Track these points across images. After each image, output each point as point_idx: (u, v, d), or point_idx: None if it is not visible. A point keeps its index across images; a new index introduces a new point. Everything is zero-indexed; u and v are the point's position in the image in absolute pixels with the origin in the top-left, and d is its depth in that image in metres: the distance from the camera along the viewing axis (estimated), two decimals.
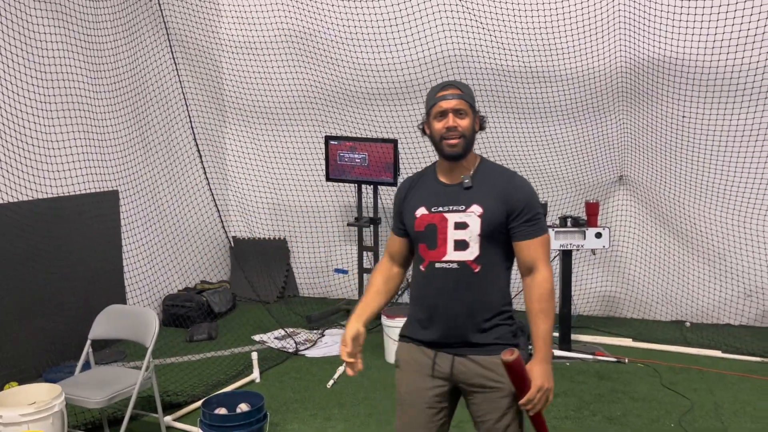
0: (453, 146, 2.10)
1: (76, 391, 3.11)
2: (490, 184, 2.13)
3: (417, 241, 2.16)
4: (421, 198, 2.17)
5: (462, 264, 2.08)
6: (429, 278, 2.12)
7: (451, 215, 2.10)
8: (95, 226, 4.85)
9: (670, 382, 4.20)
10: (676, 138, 5.35)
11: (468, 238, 2.08)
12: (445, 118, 2.10)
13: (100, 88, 4.94)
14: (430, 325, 2.12)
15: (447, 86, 2.16)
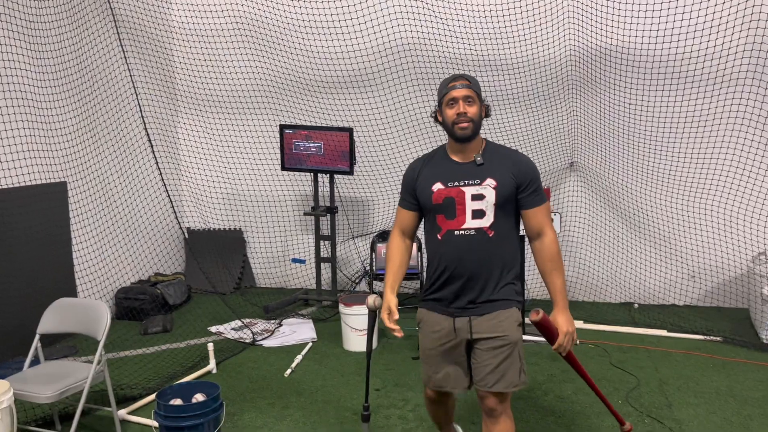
0: (464, 129, 2.42)
1: (25, 387, 3.04)
2: (500, 161, 2.47)
3: (434, 213, 2.47)
4: (436, 175, 2.48)
5: (479, 230, 2.42)
6: (447, 245, 2.45)
7: (468, 188, 2.43)
8: (42, 218, 4.72)
9: (618, 361, 4.34)
10: (623, 125, 5.50)
11: (485, 207, 2.42)
12: (456, 105, 2.42)
13: (45, 76, 4.80)
14: (451, 284, 2.46)
15: (457, 77, 2.48)
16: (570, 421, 3.48)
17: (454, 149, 2.51)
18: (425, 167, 2.55)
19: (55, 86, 4.90)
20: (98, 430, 3.43)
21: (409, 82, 5.79)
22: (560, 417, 3.52)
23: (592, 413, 3.56)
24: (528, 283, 5.56)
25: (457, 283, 2.45)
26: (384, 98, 5.87)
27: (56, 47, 4.89)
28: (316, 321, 5.35)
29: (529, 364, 4.32)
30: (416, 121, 5.87)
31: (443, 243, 2.45)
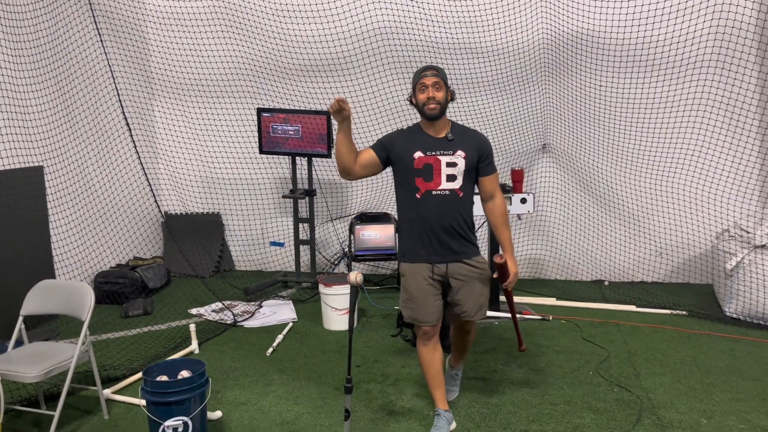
0: (432, 110, 3.02)
1: (10, 367, 3.07)
2: (465, 138, 3.10)
3: (414, 176, 3.04)
4: (416, 144, 3.06)
5: (452, 191, 3.04)
6: (426, 202, 3.03)
7: (443, 157, 3.03)
8: (19, 202, 4.71)
9: (589, 336, 4.51)
10: (594, 108, 5.64)
11: (456, 173, 3.03)
12: (426, 90, 3.02)
13: (21, 60, 4.76)
14: (428, 235, 3.04)
15: (428, 68, 3.08)
16: (543, 391, 3.63)
17: (428, 126, 3.10)
18: (404, 138, 3.11)
19: (31, 70, 4.86)
20: (84, 410, 3.48)
21: (385, 67, 5.85)
22: (534, 388, 3.67)
23: (564, 384, 3.71)
24: None
25: (433, 234, 3.03)
26: (361, 82, 5.92)
27: (32, 31, 4.85)
28: (296, 302, 5.43)
29: (504, 339, 4.47)
30: (392, 104, 5.94)
31: (422, 200, 3.03)
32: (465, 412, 3.38)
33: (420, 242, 3.06)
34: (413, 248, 3.09)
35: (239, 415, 3.41)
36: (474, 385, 3.73)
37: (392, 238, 5.64)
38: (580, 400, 3.50)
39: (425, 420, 3.31)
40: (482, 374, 3.88)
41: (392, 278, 6.09)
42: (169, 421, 2.87)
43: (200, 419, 2.97)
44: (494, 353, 4.21)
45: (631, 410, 3.38)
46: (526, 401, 3.51)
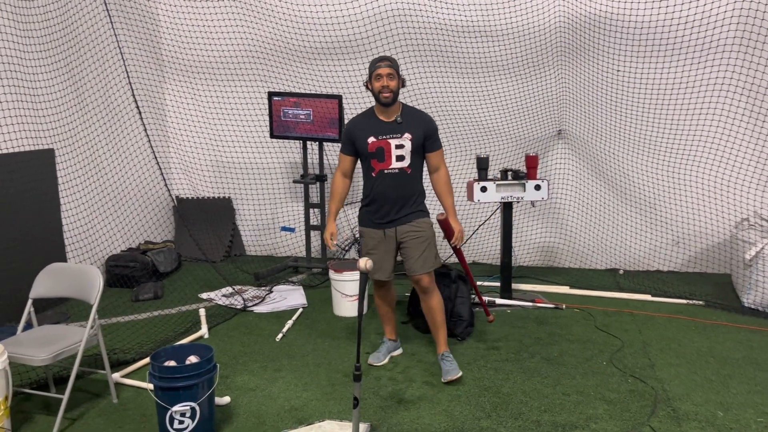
0: (386, 98, 3.46)
1: (20, 350, 3.06)
2: (413, 120, 3.55)
3: (370, 158, 3.53)
4: (370, 130, 3.53)
5: (401, 169, 3.54)
6: (380, 180, 3.54)
7: (392, 140, 3.51)
8: (30, 185, 4.70)
9: (603, 325, 4.44)
10: (611, 93, 5.53)
11: (405, 153, 3.52)
12: (381, 79, 3.43)
13: (31, 41, 4.73)
14: (383, 207, 3.56)
15: (383, 59, 3.47)
16: (556, 381, 3.57)
17: (381, 111, 3.55)
18: (360, 124, 3.57)
19: (41, 53, 4.83)
20: (93, 393, 3.48)
21: (398, 50, 5.77)
22: (546, 377, 3.62)
23: (577, 373, 3.66)
24: (515, 250, 5.64)
25: (387, 206, 3.55)
26: None
27: (42, 12, 4.81)
28: (306, 288, 5.40)
29: (516, 327, 4.41)
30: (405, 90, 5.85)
31: (377, 178, 3.54)
32: (475, 401, 3.34)
33: (375, 211, 3.58)
34: (369, 216, 3.62)
35: (248, 400, 3.39)
36: (485, 374, 3.68)
37: None
38: (593, 391, 3.45)
39: (435, 408, 3.27)
40: (493, 363, 3.83)
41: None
42: (176, 406, 2.85)
43: (208, 405, 2.95)
44: (505, 341, 4.16)
45: (645, 401, 3.32)
46: (538, 391, 3.45)
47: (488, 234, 6.03)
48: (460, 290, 4.39)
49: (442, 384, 3.55)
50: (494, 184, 4.81)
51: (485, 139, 5.90)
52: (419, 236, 3.57)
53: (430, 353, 3.98)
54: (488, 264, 6.09)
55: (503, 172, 4.89)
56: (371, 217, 3.62)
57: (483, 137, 5.90)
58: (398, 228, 3.58)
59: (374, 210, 3.60)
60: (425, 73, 5.84)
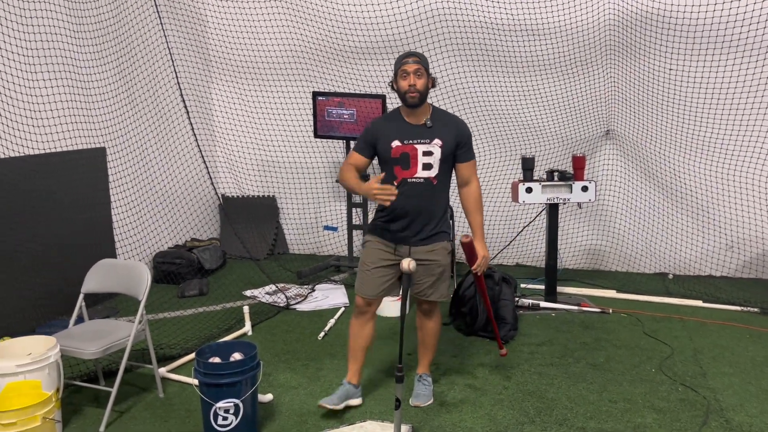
0: (413, 98, 3.02)
1: (71, 343, 3.15)
2: (445, 125, 3.11)
3: (392, 164, 3.08)
4: (395, 133, 3.09)
5: (426, 179, 3.09)
6: (401, 189, 3.03)
7: (420, 146, 3.07)
8: (84, 182, 4.84)
9: (651, 331, 4.32)
10: (662, 92, 5.37)
11: (433, 161, 3.07)
12: (408, 77, 3.00)
13: (85, 42, 4.87)
14: (401, 220, 3.09)
15: (410, 55, 3.06)
16: (602, 387, 3.48)
17: (408, 113, 3.11)
18: (385, 127, 3.14)
19: (94, 54, 4.97)
20: (140, 387, 3.55)
21: (442, 48, 5.73)
22: (592, 383, 3.53)
23: (624, 380, 3.56)
24: (561, 252, 5.53)
25: (406, 218, 3.08)
26: None
27: (95, 14, 4.94)
28: (348, 287, 5.41)
29: (561, 331, 4.33)
30: (451, 87, 5.82)
31: (399, 187, 3.02)
32: (519, 406, 3.28)
33: (391, 221, 3.12)
34: (383, 226, 3.15)
35: (290, 398, 3.41)
36: (528, 378, 3.62)
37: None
38: (642, 399, 3.35)
39: (478, 411, 3.23)
40: (537, 367, 3.76)
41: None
42: (220, 402, 2.88)
43: (251, 402, 2.97)
44: (549, 345, 4.08)
45: (696, 411, 3.20)
46: (584, 397, 3.37)
47: (533, 236, 5.94)
48: (504, 293, 4.33)
49: (486, 387, 3.50)
50: (540, 185, 4.72)
51: (531, 139, 5.81)
52: (432, 264, 3.14)
53: (473, 356, 3.94)
54: (533, 266, 6.00)
55: (549, 173, 4.81)
56: (385, 228, 3.14)
57: (529, 137, 5.81)
58: (413, 249, 3.11)
59: (391, 221, 3.12)
60: (469, 72, 5.78)
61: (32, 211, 4.37)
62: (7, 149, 4.17)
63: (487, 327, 4.23)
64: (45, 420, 2.81)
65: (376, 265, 3.14)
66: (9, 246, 4.20)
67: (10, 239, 4.20)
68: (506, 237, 5.96)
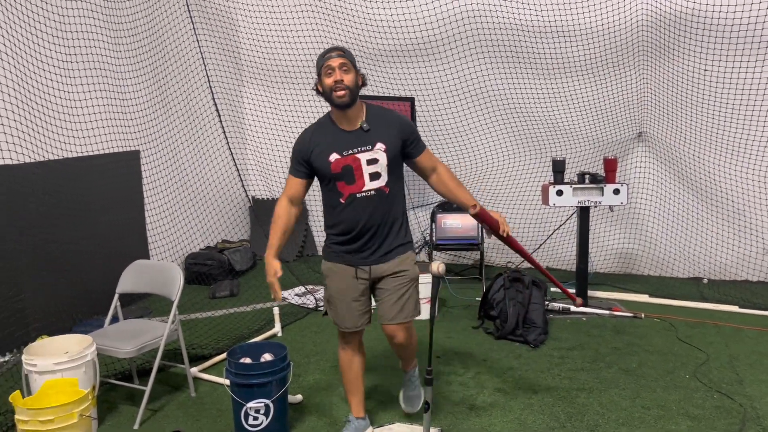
0: (341, 97, 2.59)
1: (107, 342, 3.22)
2: (383, 124, 2.70)
3: (334, 180, 2.68)
4: (330, 145, 2.67)
5: (378, 190, 2.69)
6: (351, 207, 2.69)
7: (362, 155, 2.66)
8: (118, 185, 4.94)
9: (686, 336, 4.24)
10: (697, 93, 5.27)
11: (380, 169, 2.68)
12: (333, 73, 2.60)
13: (120, 47, 4.97)
14: (358, 239, 2.72)
15: (333, 49, 2.66)
16: (635, 393, 3.43)
17: (340, 118, 2.69)
18: (316, 139, 2.72)
19: (129, 60, 5.07)
20: (172, 386, 3.61)
21: (472, 51, 5.71)
22: (624, 389, 3.48)
23: (657, 386, 3.50)
24: (592, 256, 5.46)
25: (362, 239, 2.72)
26: (446, 67, 5.81)
27: (130, 20, 5.05)
28: None
29: (592, 336, 4.27)
30: (479, 90, 5.80)
31: (347, 205, 2.69)
32: (549, 411, 3.25)
33: (345, 244, 2.75)
34: (338, 249, 2.78)
35: (319, 400, 3.43)
36: (559, 383, 3.58)
37: (475, 228, 5.51)
38: (676, 405, 3.29)
39: (507, 416, 3.21)
40: (568, 372, 3.72)
41: (474, 268, 5.98)
42: (251, 402, 2.91)
43: (281, 402, 3.00)
44: (580, 350, 4.03)
45: (733, 419, 3.14)
46: (616, 403, 3.33)
47: (563, 239, 5.87)
48: (534, 296, 4.30)
49: (515, 391, 3.48)
50: (571, 188, 4.68)
51: (562, 141, 5.75)
52: (400, 275, 2.77)
53: (503, 359, 3.91)
54: (563, 270, 5.94)
55: (580, 176, 4.76)
56: (341, 250, 2.77)
57: (559, 139, 5.76)
58: (374, 268, 2.76)
59: (343, 242, 2.75)
60: (499, 74, 5.75)
61: (70, 212, 4.48)
62: (47, 152, 4.28)
63: (516, 330, 4.20)
64: (82, 417, 2.88)
65: (348, 297, 2.80)
66: (49, 247, 4.31)
67: (50, 241, 4.31)
68: (536, 240, 5.91)
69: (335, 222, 2.76)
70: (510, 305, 4.28)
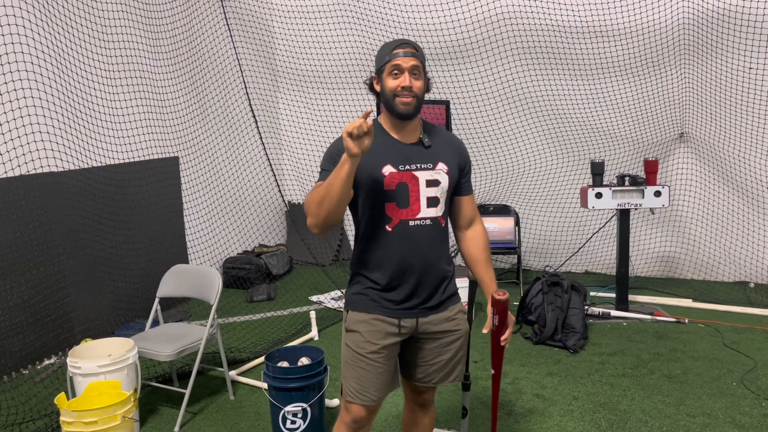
0: (407, 104, 2.07)
1: (148, 345, 3.28)
2: (443, 143, 2.20)
3: (383, 201, 2.10)
4: (383, 156, 2.10)
5: (434, 220, 2.15)
6: (400, 237, 2.11)
7: (422, 173, 2.12)
8: (158, 191, 5.03)
9: (732, 342, 4.11)
10: (741, 92, 5.13)
11: (439, 194, 2.15)
12: (402, 75, 2.09)
13: (159, 56, 5.07)
14: (401, 282, 2.13)
15: (404, 44, 2.11)
16: (679, 400, 3.34)
17: (395, 127, 2.15)
18: None
19: (169, 68, 5.17)
20: (211, 389, 3.65)
21: (508, 53, 5.66)
22: (668, 396, 3.39)
23: (703, 393, 3.40)
24: (632, 260, 5.35)
25: (411, 281, 2.13)
26: (482, 70, 5.77)
27: (169, 29, 5.15)
28: None
29: (633, 341, 4.18)
30: (515, 93, 5.74)
31: (394, 235, 2.11)
32: (590, 417, 3.19)
33: (389, 290, 2.13)
34: (375, 295, 2.15)
35: None
36: (599, 389, 3.51)
37: (512, 231, 5.46)
38: (722, 413, 3.19)
39: (547, 422, 3.15)
40: (608, 378, 3.64)
41: (511, 272, 5.91)
42: (289, 406, 2.93)
43: (318, 406, 3.01)
44: (621, 356, 3.95)
45: None
46: (659, 410, 3.24)
47: (603, 242, 5.77)
48: (573, 301, 4.23)
49: (555, 397, 3.42)
50: (610, 190, 4.59)
51: (600, 143, 5.66)
52: (455, 334, 2.22)
53: (541, 364, 3.85)
54: (603, 274, 5.83)
55: (620, 178, 4.67)
56: (380, 297, 2.14)
57: (598, 141, 5.66)
58: (421, 320, 2.16)
59: (388, 286, 2.13)
60: (536, 76, 5.69)
61: (112, 218, 4.58)
62: (90, 159, 4.39)
63: (555, 335, 4.14)
64: (124, 419, 2.93)
65: (383, 357, 2.14)
66: (93, 252, 4.41)
67: (94, 246, 4.41)
68: (575, 244, 5.82)
69: (376, 257, 2.14)
70: (549, 310, 4.21)
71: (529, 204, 5.91)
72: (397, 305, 2.14)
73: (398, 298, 2.14)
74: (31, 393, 3.59)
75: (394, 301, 2.14)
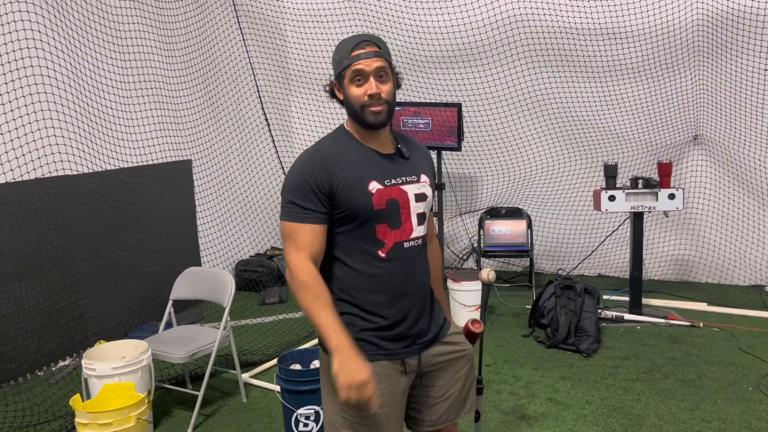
0: (377, 114, 1.77)
1: (161, 347, 3.30)
2: (418, 153, 1.96)
3: (374, 223, 1.79)
4: (367, 171, 1.79)
5: (423, 239, 1.89)
6: (396, 263, 1.81)
7: (409, 187, 1.85)
8: (171, 194, 5.06)
9: (747, 346, 4.07)
10: (757, 94, 5.08)
11: (426, 210, 1.90)
12: (366, 82, 1.76)
13: (173, 60, 5.11)
14: (405, 318, 1.83)
15: (363, 42, 1.78)
16: (694, 405, 3.31)
17: (366, 136, 1.84)
18: (338, 160, 1.78)
19: (182, 72, 5.21)
20: (224, 391, 3.67)
21: (520, 55, 5.64)
22: (683, 401, 3.36)
23: (718, 398, 3.37)
24: (646, 263, 5.31)
25: (412, 312, 1.84)
26: (494, 72, 5.76)
27: (183, 33, 5.18)
28: None
29: (647, 345, 4.15)
30: (527, 95, 5.72)
31: (389, 262, 1.80)
32: (604, 422, 3.17)
33: (389, 329, 1.82)
34: (373, 337, 1.81)
35: None
36: (613, 393, 3.48)
37: (524, 234, 5.44)
38: (738, 418, 3.16)
39: (560, 426, 3.14)
40: (622, 382, 3.61)
41: (523, 275, 5.89)
42: (301, 409, 2.93)
43: None
44: (635, 360, 3.92)
45: None
46: (674, 415, 3.22)
47: (616, 245, 5.73)
48: (586, 304, 4.21)
49: (568, 401, 3.40)
50: (623, 193, 4.57)
51: (613, 145, 5.62)
52: (461, 356, 1.96)
53: (554, 368, 3.83)
54: (616, 277, 5.79)
55: (633, 181, 4.64)
56: (379, 338, 1.81)
57: (611, 143, 5.63)
58: (423, 355, 1.88)
59: (388, 325, 1.81)
60: (548, 78, 5.67)
61: (126, 221, 4.61)
62: (104, 163, 4.42)
63: (567, 339, 4.12)
64: (138, 420, 2.95)
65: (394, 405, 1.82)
66: (107, 255, 4.45)
67: (107, 249, 4.45)
68: (588, 247, 5.79)
69: (368, 291, 1.80)
70: (561, 313, 4.19)
71: (541, 207, 5.89)
72: (397, 343, 1.83)
73: (399, 335, 1.83)
74: (46, 394, 3.63)
75: (394, 340, 1.83)
